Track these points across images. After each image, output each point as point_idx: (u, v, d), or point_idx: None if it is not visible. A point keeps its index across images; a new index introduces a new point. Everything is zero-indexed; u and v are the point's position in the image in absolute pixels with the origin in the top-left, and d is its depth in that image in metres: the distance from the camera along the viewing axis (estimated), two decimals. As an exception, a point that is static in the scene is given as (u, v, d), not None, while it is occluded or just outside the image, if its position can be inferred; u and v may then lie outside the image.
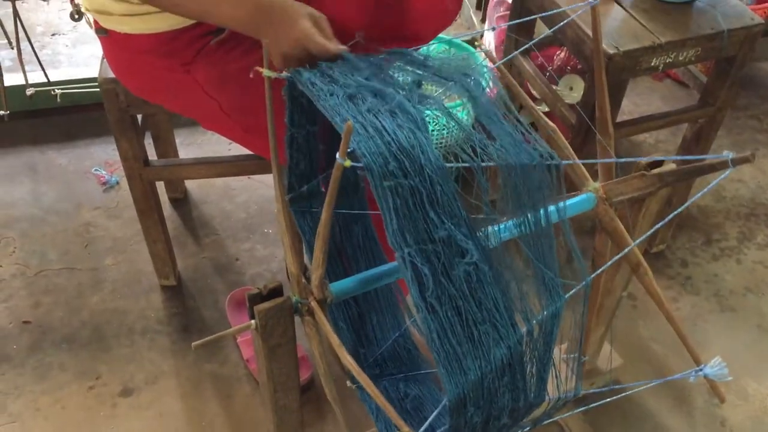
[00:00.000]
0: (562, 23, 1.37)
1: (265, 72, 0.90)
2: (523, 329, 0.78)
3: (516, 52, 1.67)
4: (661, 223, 1.01)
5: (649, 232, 1.09)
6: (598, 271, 1.00)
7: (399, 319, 1.14)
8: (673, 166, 1.26)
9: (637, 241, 1.01)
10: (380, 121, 0.77)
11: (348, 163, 0.69)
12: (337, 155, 0.69)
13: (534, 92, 1.79)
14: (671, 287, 1.78)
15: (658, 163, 1.18)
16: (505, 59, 1.70)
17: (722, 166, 0.92)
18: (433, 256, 0.73)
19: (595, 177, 1.03)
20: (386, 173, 0.73)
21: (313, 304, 0.85)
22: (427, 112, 0.85)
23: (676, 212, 1.00)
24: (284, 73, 0.92)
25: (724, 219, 1.97)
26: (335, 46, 0.98)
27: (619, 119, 1.63)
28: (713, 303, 1.75)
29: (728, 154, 0.90)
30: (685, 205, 1.13)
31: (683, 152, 1.73)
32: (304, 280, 0.86)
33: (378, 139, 0.75)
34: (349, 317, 1.11)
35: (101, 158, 2.01)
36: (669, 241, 1.87)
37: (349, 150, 0.70)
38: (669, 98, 2.31)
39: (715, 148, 2.12)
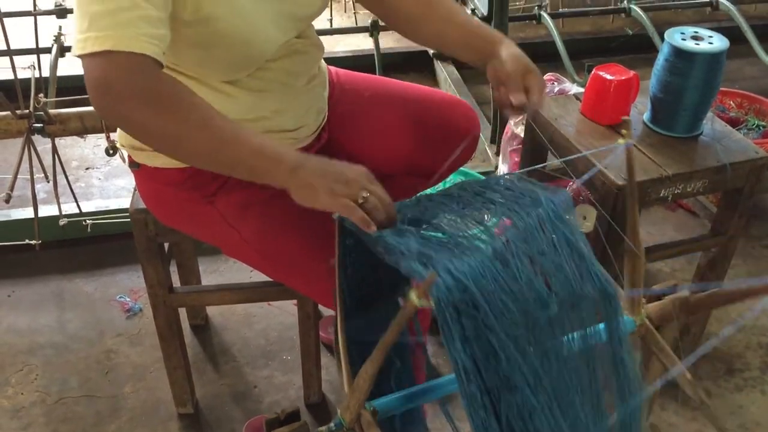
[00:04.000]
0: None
1: (335, 215, 0.96)
2: None
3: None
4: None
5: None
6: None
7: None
8: (686, 293, 1.28)
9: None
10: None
11: None
12: None
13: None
14: (696, 419, 1.75)
15: (672, 290, 1.20)
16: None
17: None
18: None
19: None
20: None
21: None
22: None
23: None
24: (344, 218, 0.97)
25: (746, 348, 1.95)
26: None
27: (632, 248, 1.66)
28: (740, 435, 1.71)
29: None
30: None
31: (698, 280, 1.75)
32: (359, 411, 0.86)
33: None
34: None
35: (126, 286, 2.06)
36: (691, 371, 1.85)
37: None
38: (682, 227, 2.35)
39: (731, 277, 2.13)
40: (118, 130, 1.35)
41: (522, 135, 1.93)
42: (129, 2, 0.99)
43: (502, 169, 2.14)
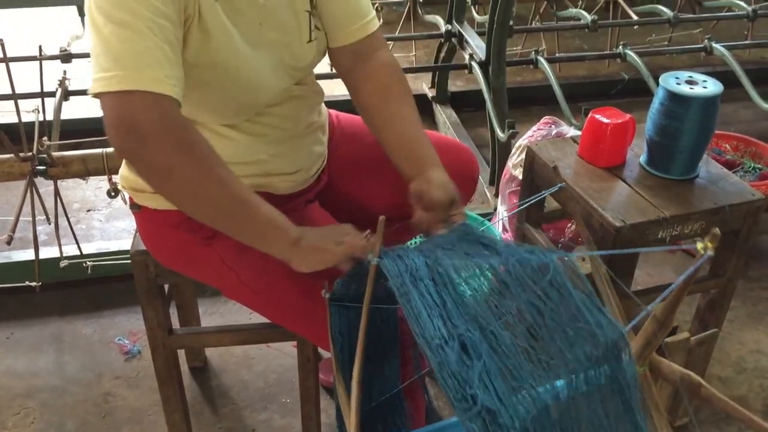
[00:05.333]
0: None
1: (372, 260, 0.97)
2: None
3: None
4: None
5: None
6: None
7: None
8: (686, 334, 1.28)
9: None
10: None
11: None
12: None
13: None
14: (698, 462, 1.73)
15: (672, 332, 1.21)
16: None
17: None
18: None
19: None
20: None
21: None
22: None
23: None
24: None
25: (747, 391, 1.94)
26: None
27: (632, 289, 1.66)
28: (743, 479, 1.69)
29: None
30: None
31: (698, 322, 1.75)
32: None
33: None
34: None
35: (125, 328, 2.06)
36: (692, 414, 1.84)
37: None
38: (681, 269, 2.33)
39: (731, 318, 2.13)
40: (120, 172, 1.36)
41: (520, 177, 1.94)
42: (153, 43, 1.01)
43: (501, 210, 2.16)
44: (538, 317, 0.88)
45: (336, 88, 3.29)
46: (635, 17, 3.22)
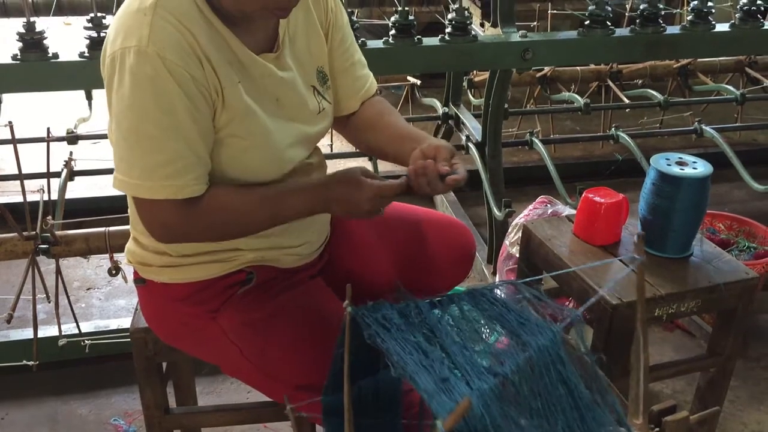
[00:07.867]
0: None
1: (348, 308, 0.97)
2: None
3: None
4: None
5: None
6: None
7: None
8: (686, 413, 1.27)
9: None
10: None
11: None
12: None
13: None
14: None
15: (671, 410, 1.20)
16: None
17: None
18: None
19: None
20: None
21: None
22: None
23: None
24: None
25: (752, 473, 1.91)
26: (392, 182, 1.22)
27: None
28: None
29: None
30: None
31: (698, 401, 1.74)
32: None
33: None
34: None
35: (121, 408, 2.03)
36: (697, 497, 1.80)
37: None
38: (681, 348, 2.34)
39: (732, 399, 2.11)
40: (127, 246, 1.39)
41: (517, 255, 1.96)
42: (174, 154, 1.12)
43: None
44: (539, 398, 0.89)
45: (336, 168, 3.37)
46: (627, 101, 3.31)
